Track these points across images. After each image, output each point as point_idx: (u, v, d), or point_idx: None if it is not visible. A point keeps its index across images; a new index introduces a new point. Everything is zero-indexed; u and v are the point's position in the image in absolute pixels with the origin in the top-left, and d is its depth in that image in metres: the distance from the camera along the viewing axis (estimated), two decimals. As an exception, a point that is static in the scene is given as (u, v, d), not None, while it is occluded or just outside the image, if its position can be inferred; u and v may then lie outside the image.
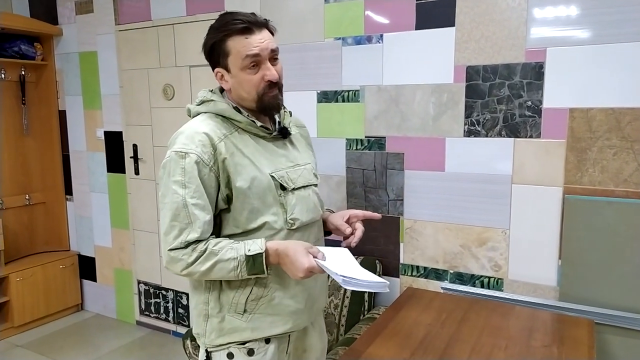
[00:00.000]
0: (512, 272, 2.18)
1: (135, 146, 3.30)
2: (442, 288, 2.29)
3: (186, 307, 3.25)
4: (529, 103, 2.06)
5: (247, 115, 1.35)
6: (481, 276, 2.24)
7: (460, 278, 2.29)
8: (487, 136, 2.16)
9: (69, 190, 3.72)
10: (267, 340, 1.37)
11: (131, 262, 3.46)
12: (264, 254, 1.24)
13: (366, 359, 1.59)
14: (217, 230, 1.34)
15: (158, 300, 3.37)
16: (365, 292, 2.35)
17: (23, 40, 3.44)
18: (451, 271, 2.31)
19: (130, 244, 3.45)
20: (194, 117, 1.39)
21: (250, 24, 1.28)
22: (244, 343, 1.35)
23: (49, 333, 3.43)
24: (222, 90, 1.41)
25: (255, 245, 1.25)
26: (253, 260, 1.24)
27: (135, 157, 3.31)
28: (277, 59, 1.36)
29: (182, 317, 3.28)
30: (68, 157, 3.67)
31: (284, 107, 1.46)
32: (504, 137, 2.13)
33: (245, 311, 1.33)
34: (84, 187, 3.63)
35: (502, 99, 2.11)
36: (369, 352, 1.63)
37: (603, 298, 1.97)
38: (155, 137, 3.21)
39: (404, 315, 1.91)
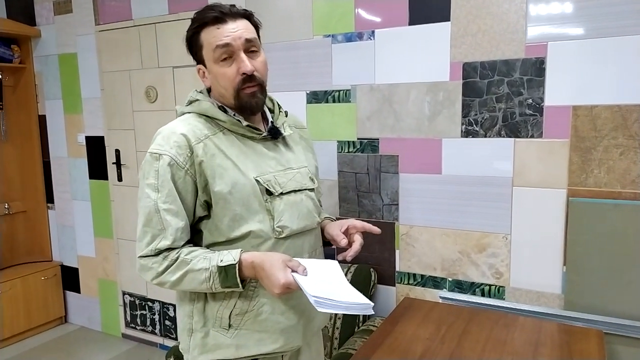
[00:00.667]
0: (514, 280, 2.07)
1: (117, 151, 3.16)
2: (441, 297, 2.17)
3: (173, 319, 3.11)
4: (530, 101, 1.95)
5: (233, 115, 1.25)
6: (481, 284, 2.13)
7: (459, 286, 2.18)
8: (485, 136, 2.04)
9: (50, 199, 3.57)
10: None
11: (116, 273, 3.32)
12: (237, 265, 1.14)
13: (361, 380, 1.47)
14: (199, 239, 1.25)
15: (144, 312, 3.23)
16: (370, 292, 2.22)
17: (-1, 43, 3.30)
18: (450, 279, 2.19)
19: (114, 254, 3.30)
20: (179, 116, 1.31)
21: (224, 14, 1.20)
22: None
23: (31, 348, 3.28)
24: (210, 89, 1.32)
25: (229, 256, 1.16)
26: (225, 272, 1.15)
27: (118, 163, 3.17)
28: (256, 51, 1.25)
29: (169, 330, 3.14)
30: (49, 164, 3.52)
31: (280, 107, 1.38)
32: (503, 137, 2.01)
33: (230, 326, 1.23)
34: (65, 195, 3.48)
35: (501, 97, 2.00)
36: (364, 372, 1.51)
37: (611, 306, 1.86)
38: (138, 141, 3.07)
39: (401, 329, 1.79)
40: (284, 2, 2.43)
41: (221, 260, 1.15)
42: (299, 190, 1.30)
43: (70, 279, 3.57)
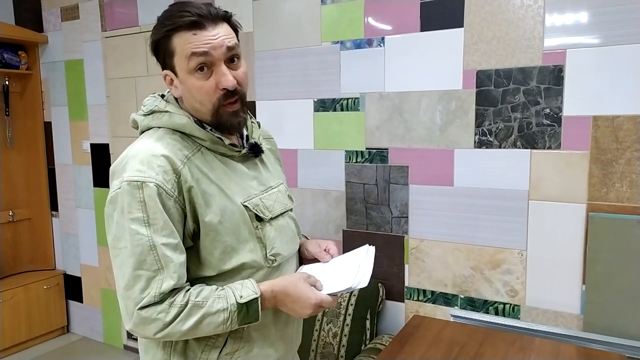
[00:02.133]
0: (530, 298, 1.97)
1: (122, 159, 3.11)
2: (452, 315, 2.07)
3: (176, 331, 3.03)
4: (547, 110, 1.86)
5: (211, 130, 1.10)
6: (495, 302, 2.03)
7: (471, 304, 2.08)
8: (500, 147, 1.95)
9: (54, 206, 3.53)
10: None
11: (118, 283, 3.25)
12: (259, 298, 1.04)
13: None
14: None
15: (146, 323, 3.16)
16: (378, 309, 2.14)
17: (6, 49, 3.27)
18: (461, 296, 2.09)
19: (117, 263, 3.24)
20: (142, 131, 1.14)
21: (201, 17, 1.02)
22: None
23: (31, 358, 3.22)
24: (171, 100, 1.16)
25: (247, 290, 1.03)
26: (247, 309, 1.02)
27: (123, 171, 3.11)
28: (237, 59, 1.09)
29: (172, 342, 3.06)
30: (53, 171, 3.49)
31: (251, 118, 1.24)
32: (519, 148, 1.92)
33: None
34: (69, 203, 3.44)
35: (516, 106, 1.91)
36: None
37: (634, 329, 1.75)
38: (143, 149, 3.02)
39: (410, 350, 1.69)
40: (292, 7, 2.37)
41: (241, 297, 1.02)
42: (284, 212, 1.20)
43: (73, 288, 3.51)
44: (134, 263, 0.98)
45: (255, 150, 1.18)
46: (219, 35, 1.04)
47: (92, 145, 3.25)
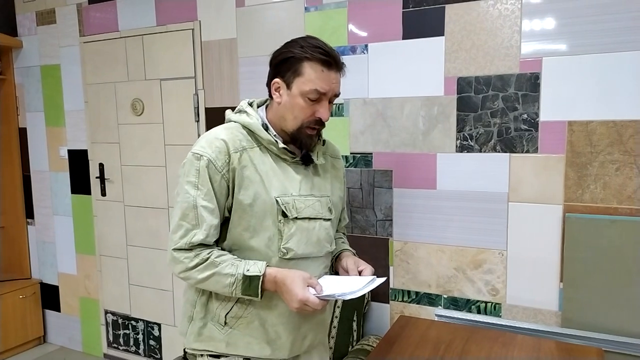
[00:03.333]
0: (510, 296, 2.04)
1: (101, 165, 3.07)
2: (437, 315, 2.13)
3: (158, 339, 3.01)
4: (525, 116, 1.94)
5: (274, 135, 1.33)
6: (477, 301, 2.10)
7: (454, 303, 2.14)
8: (480, 151, 2.03)
9: (30, 214, 3.45)
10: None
11: (98, 291, 3.21)
12: (261, 277, 1.22)
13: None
14: (219, 240, 1.33)
15: (127, 331, 3.12)
16: (364, 310, 2.18)
17: (-21, 53, 3.20)
18: (445, 296, 2.16)
19: (96, 271, 3.20)
20: (226, 123, 1.39)
21: (333, 60, 1.28)
22: (218, 356, 1.35)
23: (6, 370, 3.15)
24: (261, 104, 1.41)
25: (255, 267, 1.24)
26: (249, 282, 1.22)
27: (102, 177, 3.08)
28: (333, 100, 1.34)
29: (154, 350, 3.03)
30: (29, 178, 3.41)
31: (320, 136, 1.42)
32: (498, 152, 2.00)
33: (225, 324, 1.33)
34: (46, 210, 3.37)
35: (496, 111, 1.99)
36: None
37: (610, 324, 1.84)
38: (123, 155, 2.99)
39: (398, 349, 1.74)
40: (275, 15, 2.40)
41: (247, 270, 1.23)
42: (314, 218, 1.35)
43: (49, 297, 3.44)
44: (180, 214, 1.26)
45: (305, 160, 1.36)
46: (336, 81, 1.31)
47: (69, 151, 3.20)
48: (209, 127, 2.67)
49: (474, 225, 2.07)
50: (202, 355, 1.38)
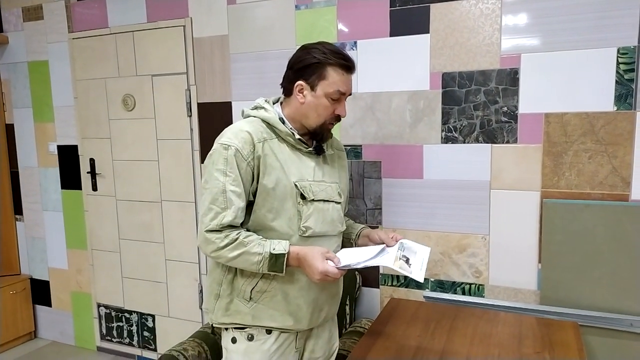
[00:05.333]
0: (492, 278, 2.18)
1: (92, 160, 3.11)
2: (425, 297, 2.26)
3: (152, 330, 3.07)
4: (505, 109, 2.08)
5: (290, 128, 1.48)
6: (462, 283, 2.23)
7: (441, 286, 2.27)
8: (464, 142, 2.16)
9: (18, 210, 3.46)
10: (269, 331, 1.49)
11: (90, 285, 3.25)
12: (286, 255, 1.36)
13: (362, 377, 1.52)
14: (244, 222, 1.44)
15: (121, 323, 3.17)
16: (356, 295, 2.29)
17: (-36, 49, 3.19)
18: (432, 279, 2.29)
19: (88, 265, 3.23)
20: (245, 118, 1.52)
21: (351, 65, 1.47)
22: (244, 328, 1.48)
23: (-2, 365, 3.17)
24: (276, 101, 1.55)
25: (280, 246, 1.37)
26: (275, 259, 1.36)
27: (93, 172, 3.11)
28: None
29: (148, 341, 3.10)
30: (17, 174, 3.42)
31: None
32: (481, 143, 2.13)
33: (251, 299, 1.46)
34: (35, 206, 3.38)
35: (478, 105, 2.12)
36: (364, 368, 1.56)
37: (584, 300, 1.99)
38: (114, 150, 3.03)
39: (391, 329, 1.86)
40: (266, 12, 2.48)
41: (274, 249, 1.36)
42: (328, 200, 1.51)
43: (40, 292, 3.46)
44: (210, 199, 1.38)
45: (317, 150, 1.53)
46: (351, 82, 1.50)
47: (59, 147, 3.22)
48: (201, 122, 2.74)
49: (458, 212, 2.20)
50: (227, 328, 1.52)
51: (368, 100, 2.30)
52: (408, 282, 2.33)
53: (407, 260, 1.47)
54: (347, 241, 1.70)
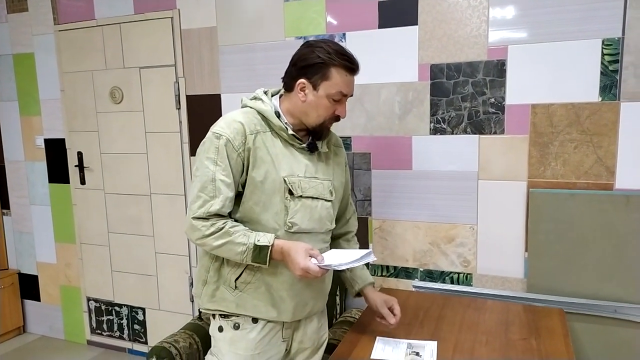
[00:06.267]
0: (480, 267, 2.21)
1: (80, 154, 3.09)
2: (414, 286, 2.29)
3: (142, 323, 3.07)
4: (492, 100, 2.10)
5: (285, 123, 1.47)
6: (451, 272, 2.26)
7: (430, 275, 2.30)
8: (452, 133, 2.18)
9: (5, 204, 3.42)
10: (255, 321, 1.50)
11: (79, 278, 3.23)
12: (270, 247, 1.36)
13: (353, 364, 1.54)
14: (232, 212, 1.46)
15: (111, 317, 3.17)
16: (345, 285, 2.31)
17: (-53, 41, 3.14)
18: (421, 269, 2.31)
19: (77, 259, 3.22)
20: (242, 107, 1.52)
21: (355, 67, 1.46)
22: (229, 316, 1.50)
23: (-13, 361, 3.14)
24: (275, 93, 1.55)
25: (265, 238, 1.37)
26: (259, 251, 1.36)
27: (81, 166, 3.09)
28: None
29: (139, 334, 3.10)
30: (3, 168, 3.38)
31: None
32: (469, 134, 2.15)
33: (236, 288, 1.48)
34: (22, 200, 3.35)
35: (466, 96, 2.14)
36: (355, 355, 1.58)
37: (569, 287, 2.03)
38: (102, 143, 3.01)
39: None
40: (255, 4, 2.48)
41: (258, 240, 1.37)
42: (317, 197, 1.50)
43: (28, 287, 3.44)
44: (199, 187, 1.38)
45: (311, 147, 1.51)
46: (354, 84, 1.50)
47: (46, 140, 3.19)
48: (190, 114, 2.73)
49: (446, 202, 2.23)
50: (214, 315, 1.54)
51: (357, 92, 2.30)
52: (398, 272, 2.36)
53: (417, 354, 1.58)
54: (349, 287, 1.75)
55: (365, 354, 1.59)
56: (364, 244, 2.39)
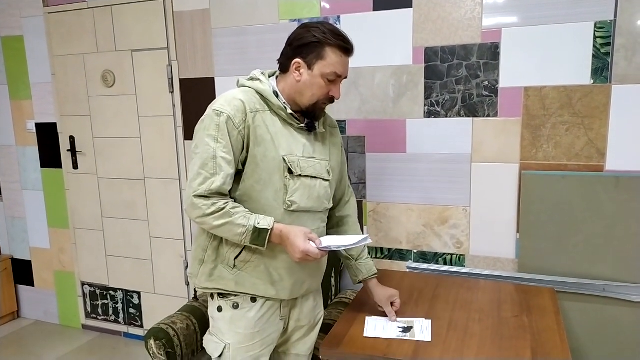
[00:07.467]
0: (473, 248, 2.25)
1: (72, 138, 3.07)
2: (408, 268, 2.32)
3: (138, 307, 3.08)
4: (486, 83, 2.12)
5: (284, 102, 1.48)
6: (444, 254, 2.30)
7: (423, 257, 2.33)
8: (446, 116, 2.20)
9: (-4, 189, 3.41)
10: (254, 300, 1.52)
11: (73, 263, 3.23)
12: (269, 231, 1.38)
13: (350, 340, 1.57)
14: (232, 190, 1.46)
15: (106, 301, 3.18)
16: (341, 267, 2.34)
17: None
18: (415, 251, 2.35)
19: (71, 244, 3.22)
20: (239, 87, 1.52)
21: (350, 47, 1.47)
22: (228, 295, 1.51)
23: (-18, 346, 3.15)
24: (272, 75, 1.55)
25: (265, 221, 1.39)
26: (258, 233, 1.38)
27: (73, 150, 3.07)
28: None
29: (134, 318, 3.11)
30: (-6, 153, 3.36)
31: None
32: (463, 117, 2.17)
33: (235, 266, 1.48)
34: (14, 185, 3.33)
35: (460, 79, 2.15)
36: (350, 334, 1.61)
37: (560, 267, 2.07)
38: (95, 127, 2.99)
39: (377, 297, 1.91)
40: (248, -14, 2.46)
41: (258, 223, 1.38)
42: (315, 177, 1.52)
43: (22, 272, 3.43)
44: (200, 164, 1.38)
45: (309, 127, 1.53)
46: (348, 65, 1.51)
47: (37, 124, 3.17)
48: (184, 97, 2.72)
49: (440, 185, 2.25)
50: (212, 295, 1.55)
51: (351, 75, 2.31)
52: (392, 254, 2.39)
53: (408, 329, 1.63)
54: (352, 275, 1.77)
55: (360, 334, 1.62)
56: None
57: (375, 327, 1.64)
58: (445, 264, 2.30)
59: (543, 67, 2.02)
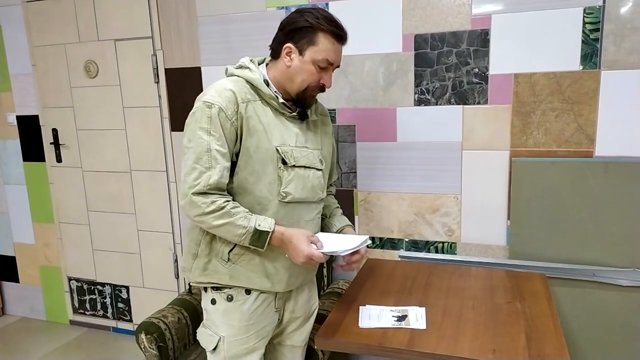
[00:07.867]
0: (464, 236, 2.26)
1: (55, 131, 2.99)
2: (400, 257, 2.32)
3: (126, 301, 3.05)
4: (476, 70, 2.11)
5: (275, 91, 1.45)
6: (435, 242, 2.30)
7: (415, 246, 2.33)
8: (437, 104, 2.19)
9: (-23, 184, 3.32)
10: (248, 292, 1.50)
11: (59, 258, 3.18)
12: (270, 233, 1.36)
13: (345, 329, 1.56)
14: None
15: (93, 296, 3.13)
16: (332, 264, 2.33)
17: None
18: (406, 240, 2.34)
19: (56, 239, 3.15)
20: (228, 77, 1.47)
21: (343, 34, 1.45)
22: (222, 288, 1.49)
23: (-34, 344, 3.08)
24: (261, 62, 1.52)
25: (265, 223, 1.37)
26: (259, 235, 1.36)
27: (56, 143, 3.00)
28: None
29: (123, 312, 3.08)
30: (-27, 147, 3.26)
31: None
32: (453, 104, 2.16)
33: (229, 260, 1.46)
34: (-5, 180, 3.25)
35: (450, 66, 2.14)
36: (345, 324, 1.60)
37: (550, 253, 2.09)
38: (78, 119, 2.93)
39: (371, 286, 1.91)
40: (234, -27, 2.41)
41: (259, 225, 1.36)
42: (309, 167, 1.50)
43: (6, 268, 3.36)
44: (194, 158, 1.34)
45: (301, 116, 1.51)
46: (341, 53, 1.49)
47: (18, 117, 3.09)
48: (169, 88, 2.67)
49: (431, 173, 2.25)
50: (205, 288, 1.53)
51: (341, 64, 2.28)
52: (383, 243, 2.39)
53: (403, 317, 1.62)
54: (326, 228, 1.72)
55: (355, 323, 1.61)
56: (349, 216, 2.38)
57: (370, 317, 1.64)
58: (436, 252, 2.30)
59: (533, 53, 2.02)
